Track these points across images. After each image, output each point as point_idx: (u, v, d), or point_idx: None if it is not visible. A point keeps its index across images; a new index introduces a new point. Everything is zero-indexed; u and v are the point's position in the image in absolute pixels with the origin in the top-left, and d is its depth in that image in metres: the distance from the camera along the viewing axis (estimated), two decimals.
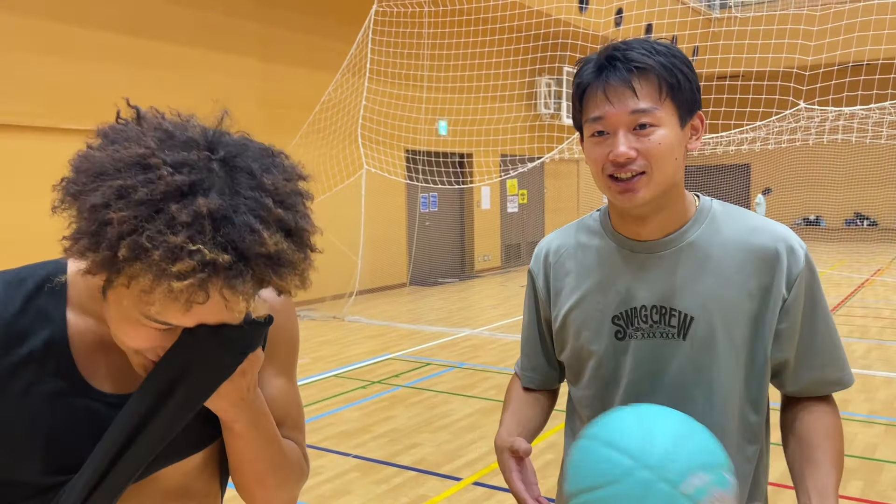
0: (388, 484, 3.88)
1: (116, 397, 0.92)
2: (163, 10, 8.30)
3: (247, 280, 0.77)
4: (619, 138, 1.19)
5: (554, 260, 1.40)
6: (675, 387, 1.27)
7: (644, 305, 1.28)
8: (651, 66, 1.18)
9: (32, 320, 0.90)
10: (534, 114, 14.36)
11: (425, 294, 11.35)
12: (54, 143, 7.43)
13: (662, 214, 1.26)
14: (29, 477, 0.89)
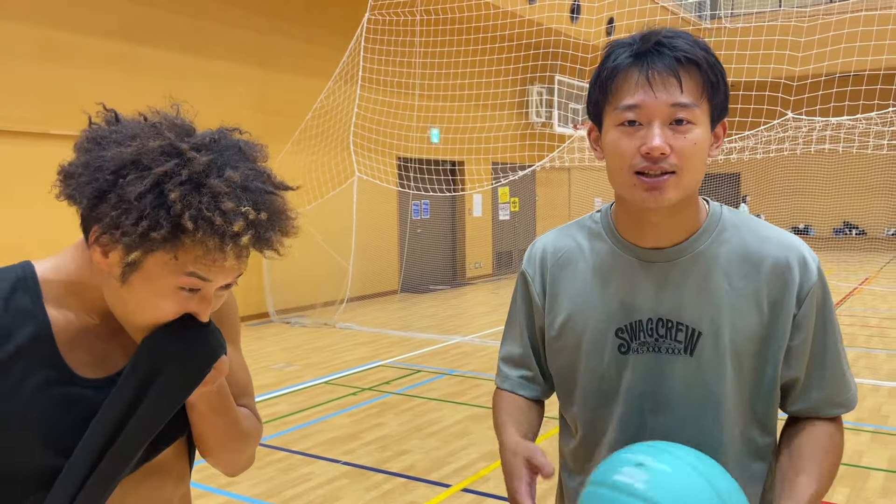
0: (377, 490, 3.88)
1: (101, 381, 1.01)
2: (158, 17, 8.31)
3: (275, 233, 0.95)
4: (654, 130, 1.09)
5: (552, 263, 1.30)
6: (681, 405, 1.19)
7: (650, 318, 1.20)
8: (699, 59, 1.10)
9: (14, 318, 0.96)
10: (525, 122, 14.43)
11: (416, 301, 11.36)
12: (48, 148, 7.42)
13: (675, 221, 1.18)
14: (32, 466, 0.96)
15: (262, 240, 0.93)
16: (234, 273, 0.97)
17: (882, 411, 5.31)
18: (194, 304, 0.97)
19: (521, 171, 12.63)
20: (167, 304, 0.95)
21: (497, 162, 13.58)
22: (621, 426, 1.22)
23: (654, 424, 1.20)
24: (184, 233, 0.89)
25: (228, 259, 0.92)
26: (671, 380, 1.19)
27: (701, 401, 1.19)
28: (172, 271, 0.93)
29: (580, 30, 12.27)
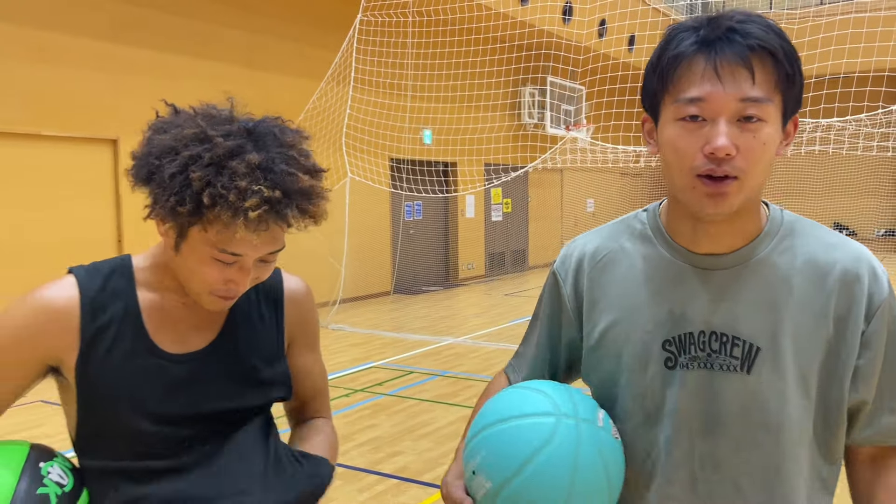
0: (370, 492, 3.88)
1: (181, 356, 1.17)
2: (147, 17, 8.29)
3: (293, 210, 1.07)
4: (719, 128, 0.98)
5: (590, 266, 1.19)
6: (737, 428, 1.08)
7: (702, 331, 1.09)
8: (774, 48, 0.97)
9: (110, 296, 1.15)
10: (518, 123, 14.45)
11: (409, 302, 11.36)
12: (39, 150, 7.38)
13: (734, 227, 1.08)
14: (120, 425, 1.13)
15: (276, 215, 1.05)
16: (264, 248, 1.09)
17: None
18: (233, 272, 1.10)
19: (514, 173, 12.64)
20: (209, 271, 1.09)
21: (489, 163, 13.59)
22: (667, 449, 1.11)
23: (705, 449, 1.09)
24: (205, 208, 1.03)
25: (240, 231, 1.03)
26: (725, 400, 1.08)
27: (759, 424, 1.07)
28: (206, 243, 1.08)
29: (572, 31, 12.30)
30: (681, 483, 1.11)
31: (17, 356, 1.12)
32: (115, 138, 8.00)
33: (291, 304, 1.29)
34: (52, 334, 1.11)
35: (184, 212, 1.05)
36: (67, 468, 1.15)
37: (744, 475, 1.08)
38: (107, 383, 1.12)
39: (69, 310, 1.12)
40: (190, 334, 1.19)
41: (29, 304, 1.12)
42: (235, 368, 1.20)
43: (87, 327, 1.13)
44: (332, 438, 1.36)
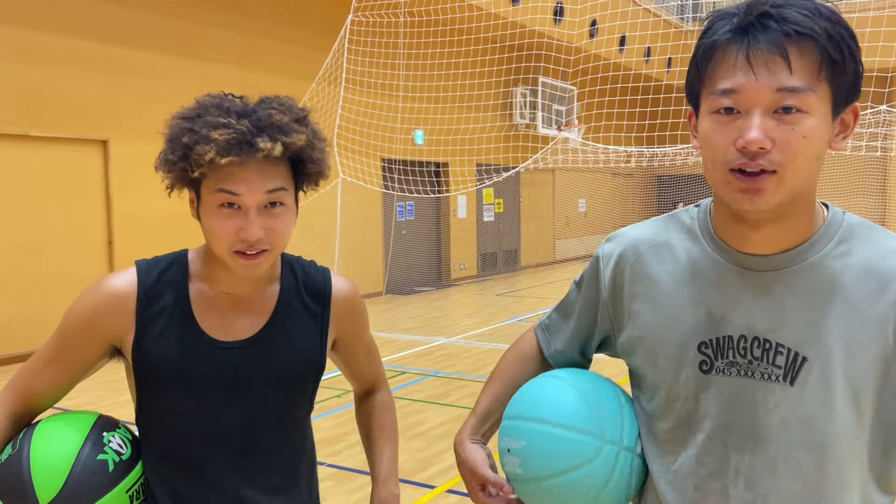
0: (362, 492, 3.88)
1: (226, 343, 1.28)
2: (137, 18, 8.25)
3: (263, 138, 1.16)
4: (753, 119, 0.93)
5: (633, 258, 1.14)
6: (774, 443, 1.01)
7: (743, 335, 1.02)
8: (815, 32, 0.91)
9: (164, 287, 1.28)
10: (509, 123, 14.47)
11: (401, 302, 11.35)
12: (25, 150, 7.34)
13: (784, 226, 1.01)
14: (171, 403, 1.27)
15: (247, 144, 1.16)
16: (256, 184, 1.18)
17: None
18: (240, 220, 1.19)
19: (506, 173, 12.66)
20: (220, 224, 1.19)
21: (481, 163, 13.61)
22: (698, 460, 1.06)
23: (740, 464, 1.03)
24: (188, 149, 1.17)
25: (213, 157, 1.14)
26: (764, 412, 1.01)
27: (801, 441, 1.00)
28: (209, 191, 1.20)
29: (563, 32, 12.33)
30: (713, 496, 1.05)
31: (84, 335, 1.27)
32: (105, 139, 7.96)
33: (338, 303, 1.40)
34: (111, 316, 1.26)
35: (175, 158, 1.18)
36: (128, 439, 1.29)
37: (779, 497, 1.01)
38: (157, 363, 1.25)
39: (127, 296, 1.26)
40: (237, 324, 1.30)
41: (94, 290, 1.28)
42: (277, 359, 1.31)
43: (142, 313, 1.26)
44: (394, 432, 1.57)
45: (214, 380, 1.27)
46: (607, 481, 1.10)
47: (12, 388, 1.29)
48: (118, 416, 1.37)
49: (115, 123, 8.00)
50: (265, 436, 1.32)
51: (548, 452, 1.11)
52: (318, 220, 9.39)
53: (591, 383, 1.17)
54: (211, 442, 1.28)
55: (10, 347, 7.28)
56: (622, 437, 1.12)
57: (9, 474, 1.19)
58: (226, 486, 1.29)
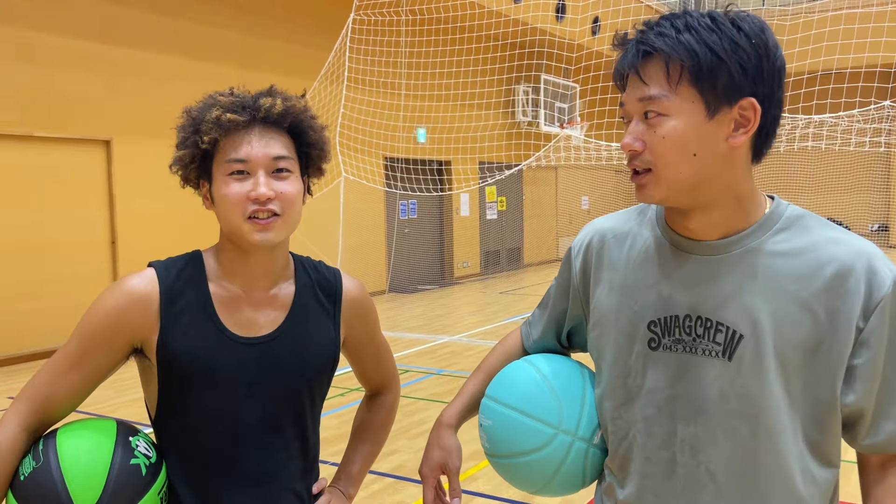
0: (365, 491, 3.88)
1: (246, 339, 1.31)
2: (139, 18, 8.26)
3: (264, 97, 1.27)
4: (630, 127, 1.09)
5: (598, 246, 1.25)
6: (716, 414, 1.09)
7: (688, 315, 1.11)
8: (659, 48, 1.04)
9: (185, 285, 1.30)
10: (512, 121, 14.46)
11: (404, 301, 11.36)
12: (28, 150, 7.35)
13: (713, 214, 1.10)
14: (194, 398, 1.28)
15: (247, 105, 1.25)
16: (261, 149, 1.25)
17: None
18: (250, 185, 1.24)
19: (508, 171, 12.65)
20: (231, 192, 1.24)
21: (484, 161, 13.60)
22: (647, 430, 1.15)
23: (685, 433, 1.12)
24: (198, 121, 1.26)
25: (223, 116, 1.23)
26: (705, 385, 1.10)
27: (738, 412, 1.08)
28: (220, 167, 1.26)
29: (566, 29, 12.31)
30: (661, 464, 1.14)
31: (107, 336, 1.26)
32: (107, 139, 7.97)
33: (349, 302, 1.44)
34: (136, 316, 1.26)
35: (187, 134, 1.27)
36: (150, 442, 1.29)
37: (719, 463, 1.10)
38: (183, 360, 1.26)
39: (150, 295, 1.27)
40: (256, 320, 1.33)
41: (116, 291, 1.28)
42: (298, 354, 1.34)
43: (166, 311, 1.27)
44: (380, 434, 1.63)
45: (238, 376, 1.29)
46: (559, 468, 1.23)
47: (26, 398, 1.26)
48: (123, 415, 1.37)
49: (118, 124, 8.01)
50: (286, 431, 1.35)
51: (508, 434, 1.26)
52: (321, 218, 9.39)
53: (561, 373, 1.28)
54: (235, 438, 1.30)
55: (14, 348, 7.30)
56: (578, 428, 1.23)
57: (40, 487, 1.16)
58: (250, 482, 1.31)
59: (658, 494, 1.15)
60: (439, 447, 1.35)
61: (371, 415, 1.62)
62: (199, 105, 1.29)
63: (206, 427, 1.29)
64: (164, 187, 8.74)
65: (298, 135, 1.31)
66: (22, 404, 1.25)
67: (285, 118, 1.28)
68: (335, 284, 1.44)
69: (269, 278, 1.34)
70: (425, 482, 1.34)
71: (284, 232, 1.29)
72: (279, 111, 1.26)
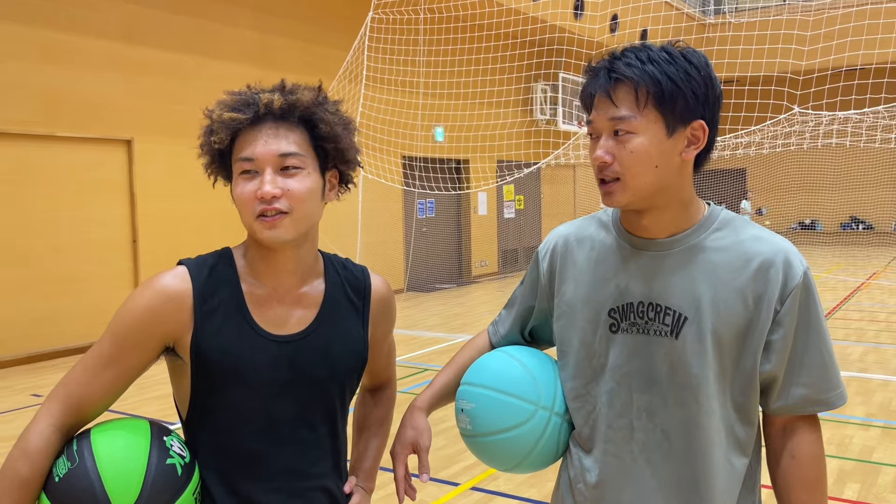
0: (384, 490, 3.88)
1: (277, 336, 1.31)
2: (160, 18, 8.33)
3: (265, 94, 1.28)
4: (599, 142, 1.27)
5: (563, 249, 1.44)
6: (665, 385, 1.29)
7: (641, 301, 1.31)
8: (629, 77, 1.23)
9: (217, 283, 1.30)
10: (530, 119, 14.40)
11: (422, 300, 11.36)
12: (50, 150, 7.44)
13: (665, 216, 1.30)
14: (227, 396, 1.27)
15: (249, 102, 1.27)
16: (269, 145, 1.25)
17: (892, 406, 5.28)
18: (257, 183, 1.25)
19: (527, 169, 12.61)
20: (239, 190, 1.26)
21: (502, 160, 13.56)
22: (609, 402, 1.34)
23: (640, 402, 1.31)
24: (210, 122, 1.28)
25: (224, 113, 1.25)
26: (657, 360, 1.29)
27: (684, 383, 1.28)
28: (234, 162, 1.27)
29: (584, 27, 12.24)
30: (621, 430, 1.33)
31: (141, 336, 1.25)
32: (128, 139, 8.05)
33: (377, 299, 1.46)
34: (170, 314, 1.25)
35: (205, 136, 1.29)
36: (182, 442, 1.29)
37: (671, 425, 1.29)
38: (218, 359, 1.26)
39: (183, 294, 1.26)
40: (288, 318, 1.33)
41: (149, 290, 1.27)
42: (330, 351, 1.35)
43: (199, 309, 1.26)
44: (387, 426, 1.63)
45: (272, 374, 1.29)
46: (537, 442, 1.38)
47: (58, 399, 1.24)
48: (146, 413, 1.37)
49: (139, 123, 8.08)
50: (319, 428, 1.35)
51: (492, 413, 1.39)
52: (340, 217, 9.41)
53: (533, 358, 1.44)
54: (269, 436, 1.30)
55: (38, 346, 7.39)
56: (554, 405, 1.39)
57: (77, 488, 1.14)
58: (283, 480, 1.31)
59: (618, 456, 1.33)
60: (412, 427, 1.48)
61: (378, 408, 1.62)
62: (214, 106, 1.31)
63: (239, 425, 1.29)
64: (185, 186, 8.87)
65: (311, 128, 1.29)
66: (54, 404, 1.23)
67: (292, 112, 1.27)
68: (364, 282, 1.45)
69: (297, 275, 1.34)
70: (396, 459, 1.46)
71: (294, 229, 1.27)
72: (279, 106, 1.25)
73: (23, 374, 6.88)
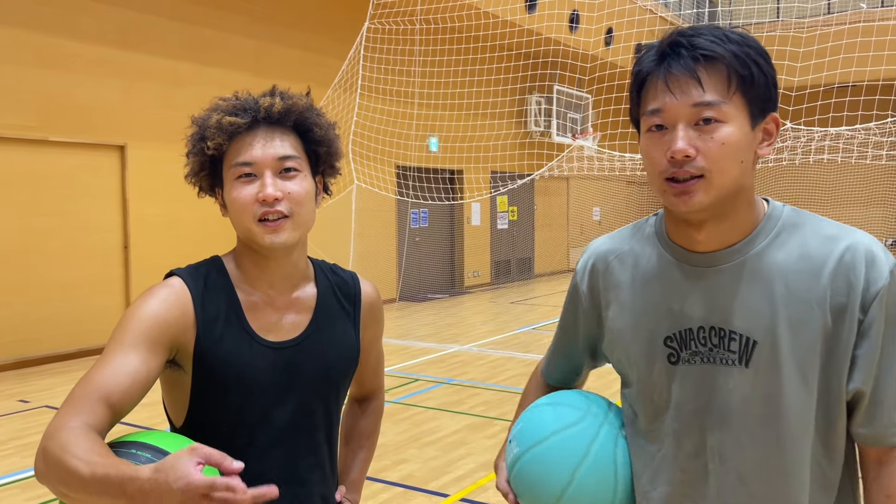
0: (375, 500, 3.86)
1: (274, 343, 1.30)
2: (156, 25, 8.33)
3: (264, 98, 1.28)
4: (678, 132, 1.06)
5: (602, 267, 1.27)
6: (738, 421, 1.12)
7: (701, 326, 1.13)
8: (720, 54, 1.05)
9: (213, 292, 1.28)
10: (524, 131, 14.45)
11: (415, 310, 11.34)
12: (44, 155, 7.41)
13: (725, 224, 1.12)
14: (229, 404, 1.26)
15: (248, 107, 1.27)
16: (267, 150, 1.25)
17: None
18: (257, 186, 1.25)
19: (520, 180, 12.64)
20: (240, 195, 1.25)
21: (496, 171, 13.59)
22: (678, 443, 1.17)
23: (713, 443, 1.13)
24: (204, 130, 1.26)
25: (223, 119, 1.24)
26: (726, 393, 1.12)
27: (760, 417, 1.10)
28: (228, 171, 1.27)
29: (579, 39, 12.31)
30: (694, 473, 1.16)
31: (152, 336, 1.20)
32: (122, 144, 8.03)
33: (367, 304, 1.46)
34: (176, 318, 1.23)
35: (194, 141, 1.27)
36: None
37: (746, 467, 1.12)
38: (220, 367, 1.25)
39: (186, 300, 1.25)
40: (281, 324, 1.33)
41: (155, 295, 1.24)
42: (325, 356, 1.35)
43: (200, 317, 1.25)
44: (374, 438, 1.62)
45: (270, 381, 1.29)
46: (590, 444, 1.20)
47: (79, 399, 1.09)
48: (136, 419, 1.32)
49: (133, 129, 8.06)
50: (315, 435, 1.35)
51: (539, 421, 1.25)
52: (333, 226, 9.40)
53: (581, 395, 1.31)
54: (266, 443, 1.29)
55: (27, 351, 7.33)
56: (608, 415, 1.24)
57: None
58: (282, 487, 1.27)
59: (695, 501, 1.17)
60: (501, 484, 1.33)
61: (365, 420, 1.61)
62: (204, 112, 1.29)
63: (238, 433, 1.28)
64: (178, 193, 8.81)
65: (305, 133, 1.30)
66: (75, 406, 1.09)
67: (288, 117, 1.28)
68: (354, 287, 1.45)
69: (289, 281, 1.34)
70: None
71: (296, 233, 1.27)
72: (279, 110, 1.26)
73: (11, 379, 6.82)
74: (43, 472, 1.03)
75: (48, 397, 6.14)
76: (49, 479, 1.02)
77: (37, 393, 6.32)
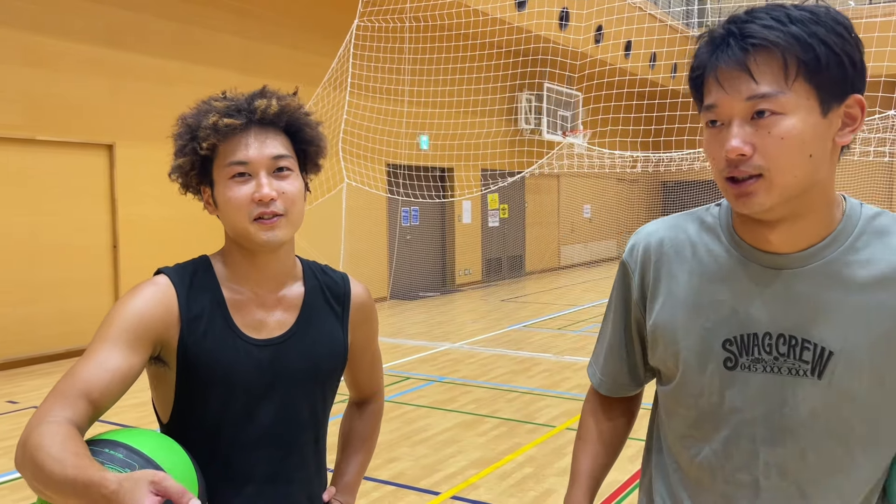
0: (366, 498, 3.86)
1: (259, 341, 1.32)
2: (143, 23, 8.28)
3: (259, 100, 1.29)
4: (732, 129, 0.98)
5: (656, 256, 1.17)
6: (805, 434, 1.04)
7: (768, 332, 1.05)
8: (772, 41, 0.95)
9: (198, 290, 1.30)
10: (514, 129, 14.47)
11: (406, 308, 11.34)
12: (31, 154, 7.36)
13: (800, 224, 1.03)
14: (213, 400, 1.27)
15: (243, 108, 1.27)
16: (261, 150, 1.26)
17: None
18: (252, 185, 1.26)
19: (511, 178, 12.66)
20: (234, 195, 1.26)
21: (486, 169, 13.60)
22: (726, 453, 1.10)
23: (769, 456, 1.07)
24: (194, 128, 1.27)
25: (220, 121, 1.25)
26: (793, 406, 1.04)
27: (830, 433, 1.04)
28: (220, 167, 1.27)
29: (569, 37, 12.33)
30: (744, 488, 1.09)
31: (136, 333, 1.22)
32: (110, 143, 7.98)
33: (356, 305, 1.46)
34: (161, 314, 1.25)
35: (184, 141, 1.28)
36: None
37: (811, 482, 1.06)
38: (204, 365, 1.26)
39: (171, 299, 1.27)
40: (267, 322, 1.34)
41: (140, 293, 1.26)
42: (310, 355, 1.36)
43: (185, 314, 1.27)
44: (372, 442, 1.62)
45: (255, 379, 1.30)
46: None
47: (62, 392, 1.11)
48: (125, 419, 1.32)
49: (121, 128, 8.02)
50: (301, 434, 1.36)
51: None
52: (323, 225, 9.39)
53: None
54: (252, 441, 1.30)
55: (15, 352, 7.28)
56: None
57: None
58: (267, 486, 1.32)
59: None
60: None
61: (362, 423, 1.62)
62: (194, 111, 1.30)
63: (223, 431, 1.29)
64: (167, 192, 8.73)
65: (295, 133, 1.33)
66: (59, 399, 1.10)
67: (281, 118, 1.30)
68: (343, 287, 1.46)
69: (277, 279, 1.35)
70: None
71: (289, 230, 1.30)
72: (275, 111, 1.28)
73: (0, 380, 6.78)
74: (20, 463, 1.06)
75: (37, 398, 6.10)
76: (24, 470, 1.05)
77: (26, 393, 6.28)
